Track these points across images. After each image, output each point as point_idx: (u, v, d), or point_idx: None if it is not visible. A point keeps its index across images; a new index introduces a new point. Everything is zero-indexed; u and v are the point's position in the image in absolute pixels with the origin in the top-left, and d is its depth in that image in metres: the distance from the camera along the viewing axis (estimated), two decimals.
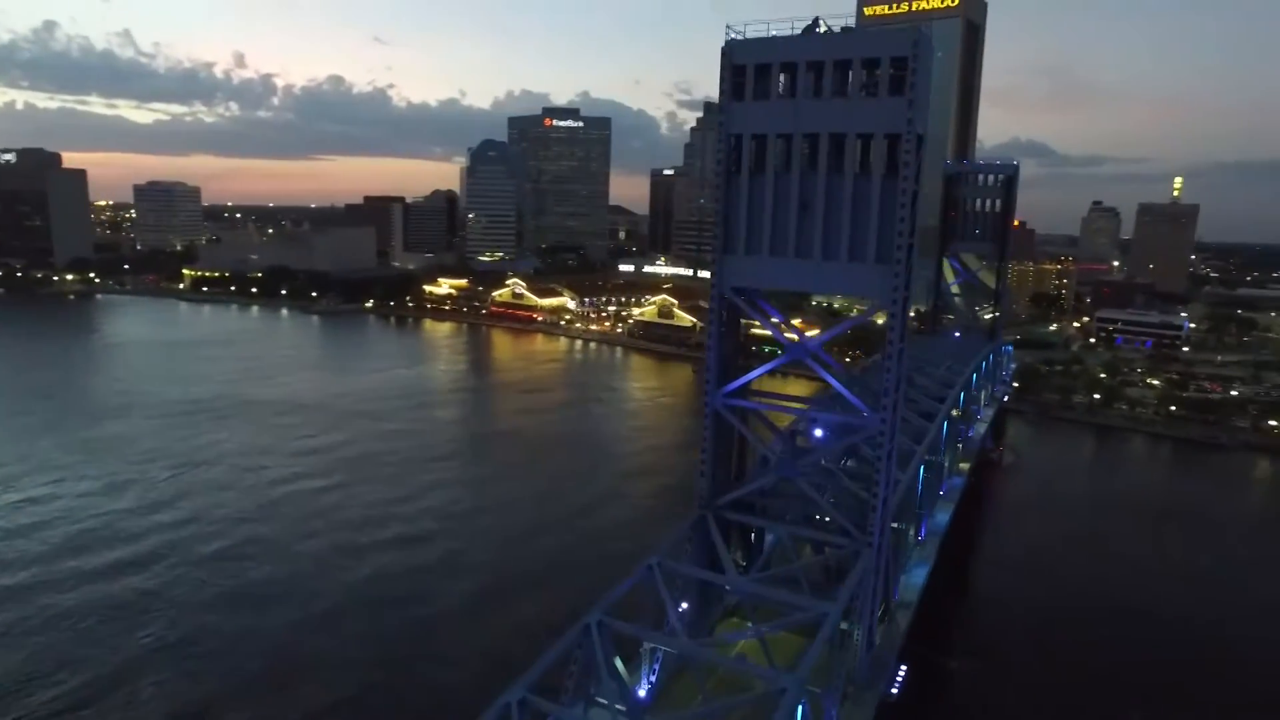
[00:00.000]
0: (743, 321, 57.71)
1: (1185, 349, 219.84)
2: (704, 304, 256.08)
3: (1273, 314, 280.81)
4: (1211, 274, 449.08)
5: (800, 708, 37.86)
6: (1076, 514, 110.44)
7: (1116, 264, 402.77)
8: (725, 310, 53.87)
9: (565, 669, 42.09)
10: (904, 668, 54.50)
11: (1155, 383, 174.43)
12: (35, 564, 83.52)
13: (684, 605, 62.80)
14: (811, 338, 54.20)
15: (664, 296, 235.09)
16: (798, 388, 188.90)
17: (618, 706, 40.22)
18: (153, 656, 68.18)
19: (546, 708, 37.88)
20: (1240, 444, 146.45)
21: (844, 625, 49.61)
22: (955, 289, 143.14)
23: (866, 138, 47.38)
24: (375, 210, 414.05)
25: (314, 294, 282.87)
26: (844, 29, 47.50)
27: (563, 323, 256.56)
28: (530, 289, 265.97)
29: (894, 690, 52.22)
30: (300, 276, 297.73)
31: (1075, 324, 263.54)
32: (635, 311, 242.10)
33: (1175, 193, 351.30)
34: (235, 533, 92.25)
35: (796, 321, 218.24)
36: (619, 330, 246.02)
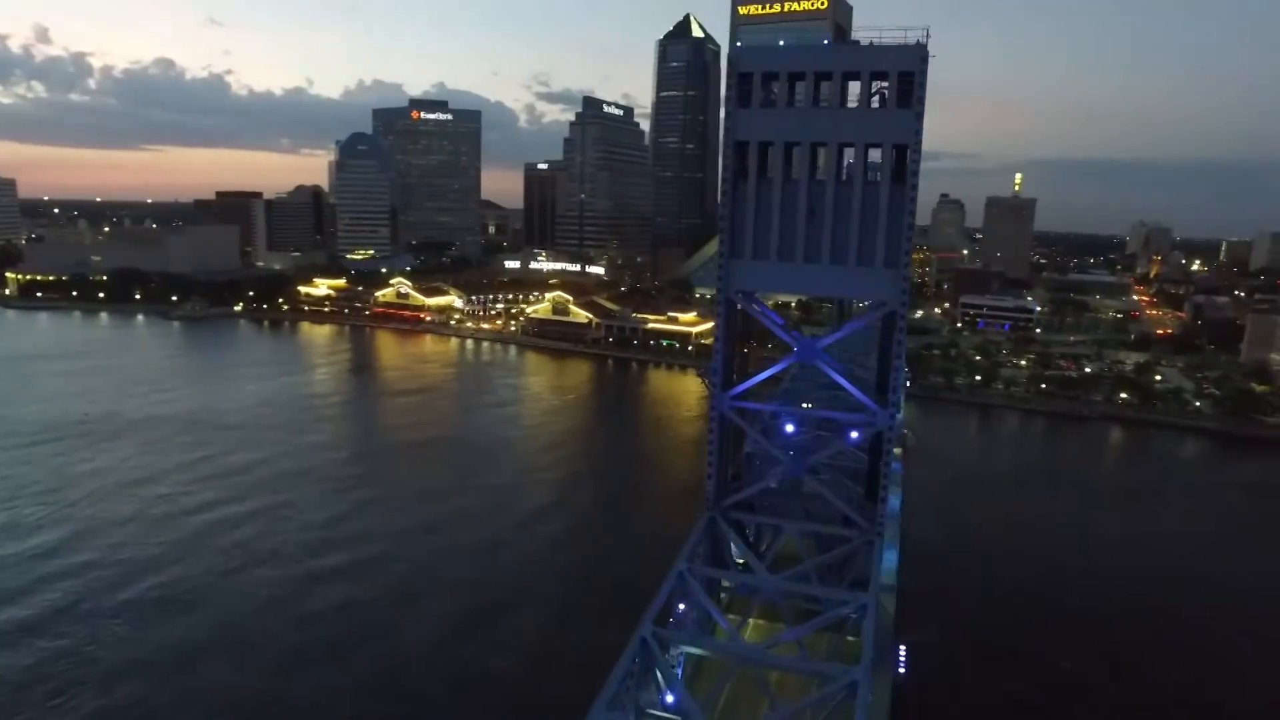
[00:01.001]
0: (636, 316, 58.21)
1: (1038, 330, 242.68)
2: (597, 299, 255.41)
3: (1098, 296, 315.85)
4: (1042, 260, 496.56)
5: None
6: (980, 486, 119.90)
7: (965, 253, 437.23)
8: (730, 314, 54.49)
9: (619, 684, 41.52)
10: (903, 648, 57.46)
11: (1023, 363, 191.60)
12: None
13: (681, 607, 63.73)
14: (816, 338, 55.71)
15: (558, 293, 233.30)
16: (692, 376, 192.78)
17: (673, 717, 40.18)
18: None
19: None
20: (1099, 415, 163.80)
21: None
22: None
23: (874, 147, 49.20)
24: (232, 207, 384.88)
25: (174, 298, 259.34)
26: (851, 41, 49.02)
27: (452, 322, 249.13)
28: (416, 288, 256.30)
29: (901, 670, 55.01)
30: (154, 279, 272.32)
31: (938, 309, 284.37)
32: (529, 309, 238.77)
33: (1016, 187, 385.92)
34: (153, 575, 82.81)
35: (691, 316, 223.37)
36: (512, 328, 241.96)
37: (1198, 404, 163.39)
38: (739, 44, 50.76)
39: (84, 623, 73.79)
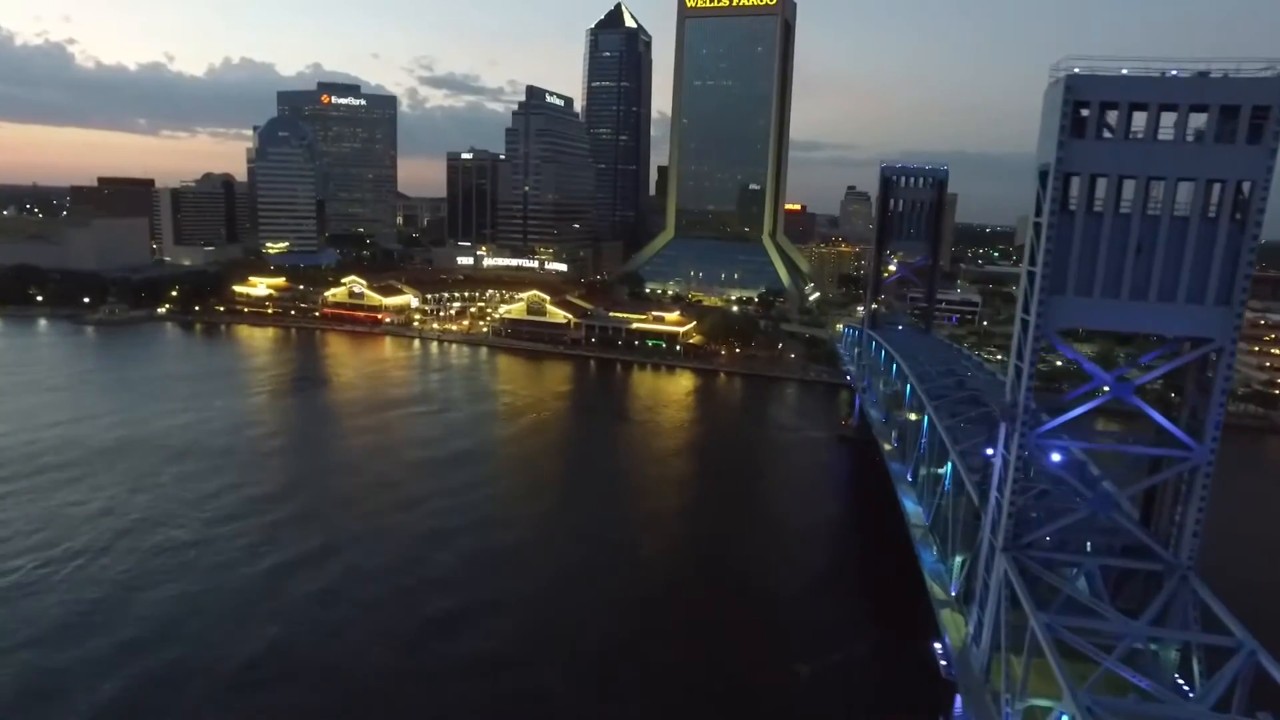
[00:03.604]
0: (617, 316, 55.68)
1: (984, 323, 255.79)
2: (572, 299, 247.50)
3: (1014, 287, 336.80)
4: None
5: None
6: None
7: None
8: (1037, 350, 53.08)
9: None
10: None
11: (999, 356, 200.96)
12: None
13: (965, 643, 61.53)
14: (1123, 372, 54.73)
15: (534, 292, 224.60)
16: (686, 378, 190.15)
17: None
18: None
19: None
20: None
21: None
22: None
23: (1215, 183, 48.42)
24: (123, 196, 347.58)
25: (86, 300, 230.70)
26: (1199, 74, 47.83)
27: (415, 323, 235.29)
28: (371, 286, 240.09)
29: None
30: (54, 278, 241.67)
31: (874, 304, 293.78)
32: (502, 308, 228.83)
33: None
34: (241, 652, 70.69)
35: (675, 315, 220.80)
36: (482, 328, 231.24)
37: None
38: (1075, 70, 47.92)
39: None
